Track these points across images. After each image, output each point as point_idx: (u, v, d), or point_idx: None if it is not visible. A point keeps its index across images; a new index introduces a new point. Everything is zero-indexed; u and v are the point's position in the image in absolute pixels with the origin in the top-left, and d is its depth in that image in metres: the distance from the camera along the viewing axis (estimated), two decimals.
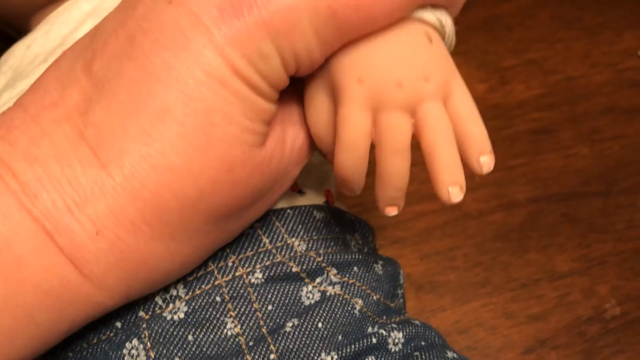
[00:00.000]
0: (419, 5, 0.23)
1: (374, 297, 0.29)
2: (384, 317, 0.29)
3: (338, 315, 0.27)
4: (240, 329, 0.26)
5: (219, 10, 0.21)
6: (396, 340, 0.28)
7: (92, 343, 0.26)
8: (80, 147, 0.22)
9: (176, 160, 0.21)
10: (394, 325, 0.28)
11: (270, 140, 0.24)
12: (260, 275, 0.27)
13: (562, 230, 0.48)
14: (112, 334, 0.26)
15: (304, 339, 0.26)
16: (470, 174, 0.49)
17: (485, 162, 0.24)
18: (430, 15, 0.24)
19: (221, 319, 0.26)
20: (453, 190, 0.23)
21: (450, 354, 0.29)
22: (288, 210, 0.29)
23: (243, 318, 0.26)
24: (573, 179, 0.50)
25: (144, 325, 0.25)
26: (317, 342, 0.26)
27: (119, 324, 0.26)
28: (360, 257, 0.29)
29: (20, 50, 0.32)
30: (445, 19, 0.24)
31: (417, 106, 0.23)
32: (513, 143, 0.52)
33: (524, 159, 0.51)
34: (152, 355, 0.25)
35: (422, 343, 0.28)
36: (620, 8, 0.60)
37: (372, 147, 0.24)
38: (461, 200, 0.26)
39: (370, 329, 0.28)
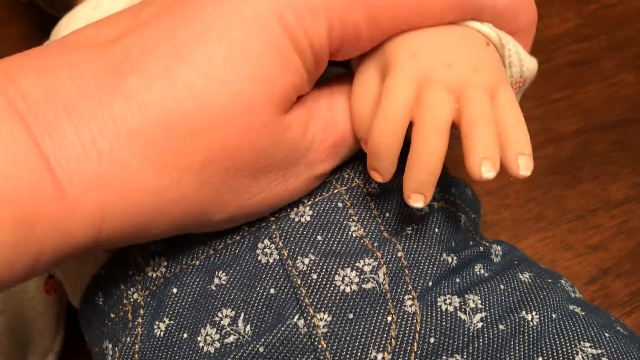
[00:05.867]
0: (473, 9, 0.24)
1: (472, 216, 0.30)
2: (478, 236, 0.30)
3: (449, 224, 0.28)
4: (364, 231, 0.26)
5: None
6: (497, 252, 0.28)
7: (218, 248, 0.26)
8: (99, 60, 0.21)
9: (196, 80, 0.21)
10: (490, 240, 0.29)
11: (293, 113, 0.24)
12: (376, 186, 0.27)
13: (615, 159, 0.46)
14: (238, 237, 0.26)
15: (425, 240, 0.26)
16: None
17: (524, 163, 0.22)
18: (489, 30, 0.25)
19: (344, 222, 0.26)
20: (485, 164, 0.22)
21: (542, 265, 0.29)
22: None
23: (365, 222, 0.26)
24: (620, 106, 0.49)
25: (274, 226, 0.26)
26: (437, 244, 0.27)
27: (245, 227, 0.26)
28: (454, 180, 0.30)
29: (85, 12, 0.32)
30: (508, 40, 0.25)
31: (462, 91, 0.23)
32: (554, 77, 0.50)
33: (567, 92, 0.50)
34: (286, 254, 0.25)
35: (515, 258, 0.29)
36: None
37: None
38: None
39: (471, 242, 0.29)
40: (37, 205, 0.19)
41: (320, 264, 0.25)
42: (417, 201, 0.23)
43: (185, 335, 0.25)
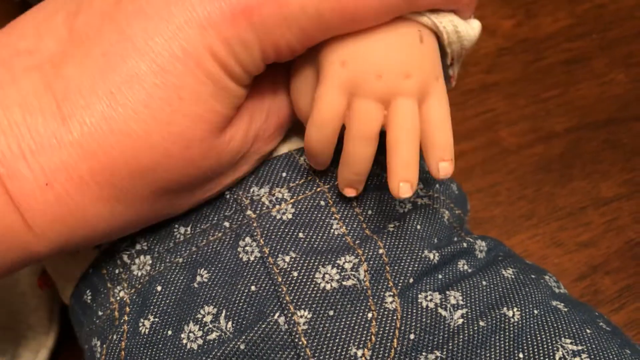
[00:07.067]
0: (410, 10, 0.24)
1: (456, 212, 0.30)
2: (463, 232, 0.30)
3: (432, 221, 0.28)
4: (346, 229, 0.27)
5: None
6: (481, 248, 0.29)
7: (200, 245, 0.27)
8: (46, 98, 0.22)
9: (136, 127, 0.22)
10: (475, 236, 0.29)
11: (233, 125, 0.24)
12: None
13: (605, 157, 0.47)
14: (220, 234, 0.27)
15: (406, 237, 0.27)
16: (508, 109, 0.49)
17: (444, 167, 0.24)
18: (424, 18, 0.24)
19: (327, 220, 0.27)
20: (403, 186, 0.23)
21: (528, 261, 0.30)
22: None
23: (347, 220, 0.27)
24: (611, 105, 0.49)
25: (255, 224, 0.27)
26: (419, 241, 0.27)
27: (227, 224, 0.27)
28: None
29: None
30: (445, 23, 0.25)
31: (391, 99, 0.23)
32: (546, 75, 0.51)
33: (558, 90, 0.50)
34: (267, 251, 0.26)
35: (500, 253, 0.29)
36: None
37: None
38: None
39: (455, 239, 0.29)
40: (9, 235, 0.22)
41: (301, 261, 0.25)
42: (349, 193, 0.26)
43: (169, 332, 0.25)
